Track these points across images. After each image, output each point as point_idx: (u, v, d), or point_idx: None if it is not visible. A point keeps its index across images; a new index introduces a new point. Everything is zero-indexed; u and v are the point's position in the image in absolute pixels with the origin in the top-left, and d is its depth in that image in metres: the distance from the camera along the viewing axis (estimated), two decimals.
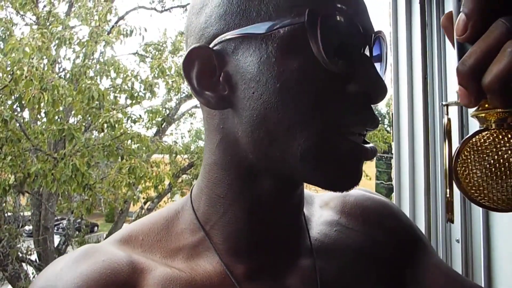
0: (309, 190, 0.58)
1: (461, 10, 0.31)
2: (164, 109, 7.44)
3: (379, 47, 0.43)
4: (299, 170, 0.40)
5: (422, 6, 1.42)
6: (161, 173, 5.31)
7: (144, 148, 5.64)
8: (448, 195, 0.37)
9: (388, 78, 1.60)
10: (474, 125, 1.14)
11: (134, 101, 5.80)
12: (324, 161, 0.39)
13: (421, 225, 1.32)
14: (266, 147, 0.40)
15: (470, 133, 0.34)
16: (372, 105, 0.41)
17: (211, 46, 0.41)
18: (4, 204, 5.60)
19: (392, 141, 1.52)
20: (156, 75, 6.01)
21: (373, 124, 0.41)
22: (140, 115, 6.06)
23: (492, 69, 0.29)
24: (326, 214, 0.53)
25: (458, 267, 1.23)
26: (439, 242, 1.29)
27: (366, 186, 0.62)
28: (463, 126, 1.20)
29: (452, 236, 1.30)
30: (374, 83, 0.39)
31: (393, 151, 1.53)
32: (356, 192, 0.56)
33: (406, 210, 1.38)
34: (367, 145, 0.41)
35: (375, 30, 0.42)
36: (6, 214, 5.80)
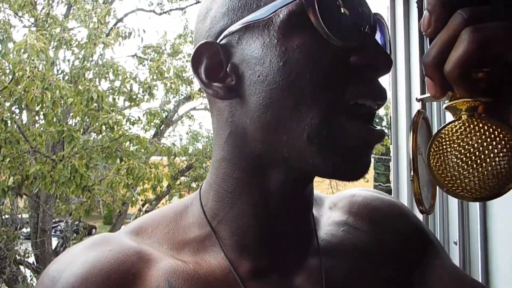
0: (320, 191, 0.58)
1: (425, 7, 0.32)
2: (162, 111, 7.44)
3: (382, 34, 0.43)
4: (306, 154, 0.39)
5: (420, 9, 1.43)
6: (160, 174, 5.30)
7: (142, 150, 5.63)
8: (415, 188, 0.37)
9: (386, 81, 1.61)
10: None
11: (132, 103, 5.80)
12: (330, 143, 0.39)
13: None
14: (273, 132, 0.40)
15: None
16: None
17: (217, 41, 0.43)
18: (1, 207, 5.58)
19: (390, 143, 1.53)
20: (154, 77, 6.01)
21: (381, 96, 0.41)
22: (138, 117, 6.06)
23: (451, 57, 0.30)
24: (335, 215, 0.53)
25: None
26: None
27: None
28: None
29: (450, 238, 1.30)
30: (377, 53, 0.40)
31: (391, 153, 1.53)
32: (364, 192, 0.56)
33: None
34: (375, 128, 0.41)
35: (373, 12, 0.42)
36: (3, 217, 5.78)
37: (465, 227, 1.26)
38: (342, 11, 0.39)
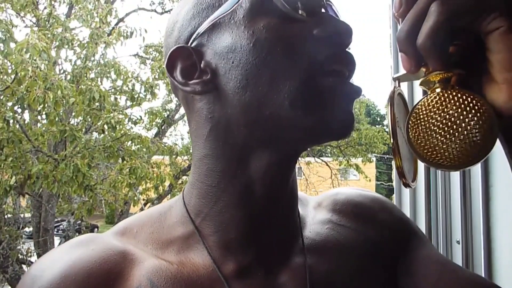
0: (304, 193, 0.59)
1: None
2: (164, 111, 7.44)
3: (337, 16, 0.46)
4: (293, 121, 0.41)
5: None
6: (162, 173, 5.30)
7: (144, 149, 5.64)
8: (397, 161, 0.38)
9: (387, 80, 1.60)
10: None
11: (134, 103, 5.80)
12: (313, 101, 0.41)
13: (421, 226, 1.32)
14: (255, 110, 0.42)
15: None
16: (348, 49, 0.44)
17: (188, 45, 0.45)
18: (4, 206, 5.59)
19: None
20: (156, 77, 6.02)
21: (350, 61, 0.43)
22: (140, 117, 6.06)
23: (422, 29, 0.32)
24: (319, 214, 0.54)
25: None
26: (440, 243, 1.30)
27: (366, 188, 0.62)
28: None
29: (452, 237, 1.30)
30: (338, 24, 0.42)
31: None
32: (347, 190, 0.57)
33: (406, 211, 1.38)
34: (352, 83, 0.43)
35: None
36: (6, 216, 5.80)
37: (468, 226, 1.26)
38: None
